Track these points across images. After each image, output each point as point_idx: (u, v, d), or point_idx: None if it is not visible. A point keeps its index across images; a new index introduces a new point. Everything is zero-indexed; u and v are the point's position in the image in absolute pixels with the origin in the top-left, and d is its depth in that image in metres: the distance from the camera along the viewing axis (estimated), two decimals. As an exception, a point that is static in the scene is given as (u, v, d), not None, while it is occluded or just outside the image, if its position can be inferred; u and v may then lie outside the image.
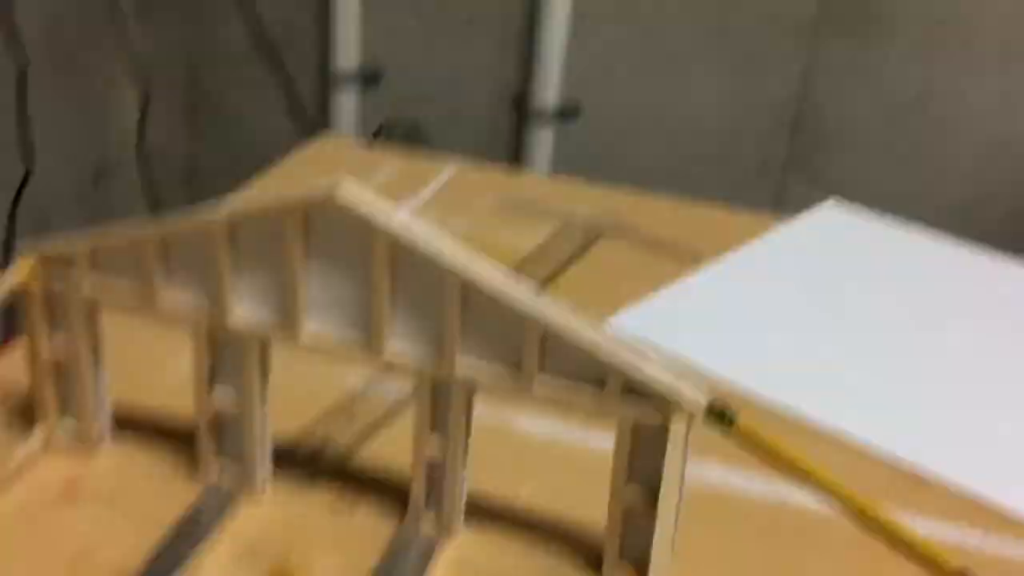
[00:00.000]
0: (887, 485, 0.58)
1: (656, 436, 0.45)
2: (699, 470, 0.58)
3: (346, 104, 1.55)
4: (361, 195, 0.44)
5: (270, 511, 0.52)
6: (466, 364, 0.47)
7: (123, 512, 0.50)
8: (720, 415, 0.63)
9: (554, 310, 0.45)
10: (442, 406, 0.48)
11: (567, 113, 1.55)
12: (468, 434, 0.49)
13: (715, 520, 0.55)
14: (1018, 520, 0.56)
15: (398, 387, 0.60)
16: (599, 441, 0.51)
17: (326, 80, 1.55)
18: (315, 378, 0.60)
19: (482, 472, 0.51)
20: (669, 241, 0.85)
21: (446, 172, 0.94)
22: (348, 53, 1.52)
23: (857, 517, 0.56)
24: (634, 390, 0.45)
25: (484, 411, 0.50)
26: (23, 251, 0.50)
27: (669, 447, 0.44)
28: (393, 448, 0.55)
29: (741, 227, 0.86)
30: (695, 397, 0.45)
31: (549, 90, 1.50)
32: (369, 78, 1.55)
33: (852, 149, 1.47)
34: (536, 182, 0.98)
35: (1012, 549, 0.54)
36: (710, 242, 0.83)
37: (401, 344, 0.47)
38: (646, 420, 0.45)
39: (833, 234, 0.90)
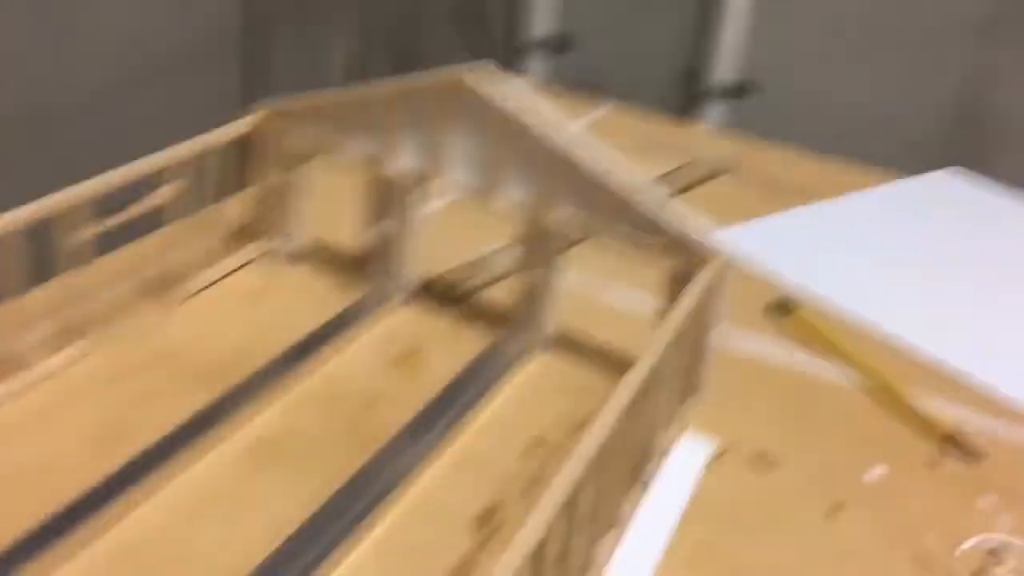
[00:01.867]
0: (921, 377, 0.67)
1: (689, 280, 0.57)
2: (754, 344, 0.69)
3: (535, 70, 1.69)
4: (495, 85, 0.59)
5: (406, 318, 0.67)
6: (559, 215, 0.60)
7: (298, 308, 0.67)
8: (782, 306, 0.74)
9: (628, 181, 0.58)
10: (540, 247, 0.62)
11: (740, 91, 1.63)
12: (556, 274, 0.62)
13: (754, 379, 0.66)
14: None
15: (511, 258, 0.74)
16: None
17: (516, 47, 1.69)
18: (456, 244, 0.75)
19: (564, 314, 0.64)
20: (787, 185, 0.95)
21: (600, 109, 1.07)
22: (542, 22, 1.66)
23: (877, 391, 0.66)
24: (681, 243, 0.57)
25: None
26: (257, 107, 0.67)
27: (698, 287, 0.56)
28: (503, 294, 0.69)
29: (863, 183, 0.95)
30: (723, 252, 0.56)
31: (725, 67, 1.59)
32: (558, 46, 1.68)
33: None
34: (680, 129, 1.09)
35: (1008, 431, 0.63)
36: (829, 191, 0.93)
37: (514, 194, 0.61)
38: (685, 267, 0.57)
39: (948, 194, 0.97)
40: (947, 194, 0.97)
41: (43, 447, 0.52)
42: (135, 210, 0.60)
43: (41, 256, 0.55)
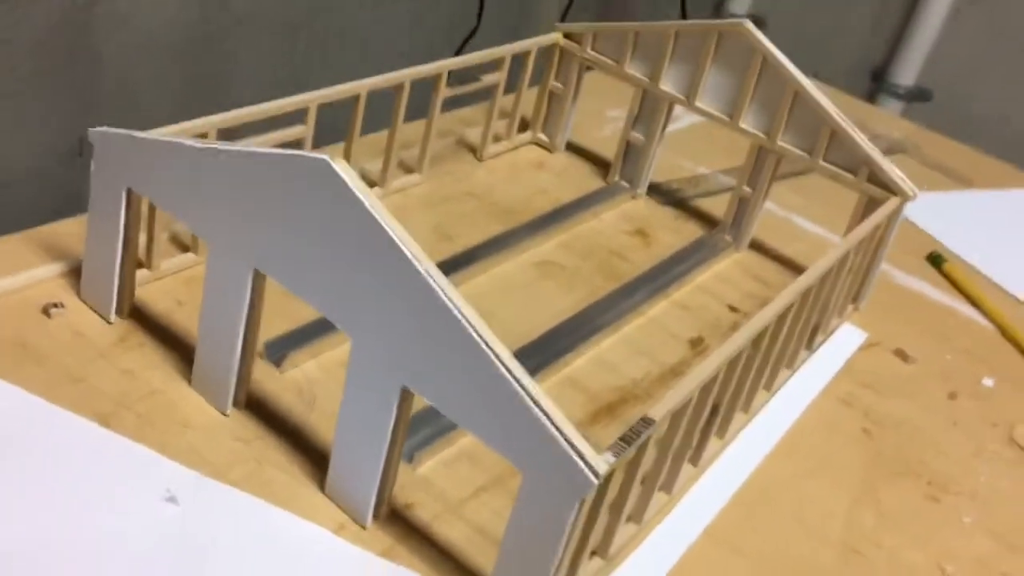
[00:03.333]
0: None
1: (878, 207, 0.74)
2: (910, 280, 0.86)
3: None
4: (753, 31, 0.76)
5: (641, 206, 0.86)
6: (785, 143, 0.78)
7: (564, 182, 0.86)
8: (937, 258, 0.90)
9: (844, 121, 0.75)
10: (761, 168, 0.80)
11: (920, 95, 1.73)
12: (767, 192, 0.80)
13: (906, 303, 0.83)
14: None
15: (729, 178, 0.92)
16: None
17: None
18: (690, 159, 0.94)
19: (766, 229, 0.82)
20: (956, 172, 1.09)
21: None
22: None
23: (1002, 331, 0.82)
24: (875, 179, 0.75)
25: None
26: (558, 27, 0.87)
27: (881, 214, 0.73)
28: (719, 204, 0.87)
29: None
30: (910, 190, 0.73)
31: (908, 69, 1.69)
32: (756, 21, 1.81)
33: None
34: (866, 108, 1.23)
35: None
36: (995, 184, 1.07)
37: (749, 124, 0.79)
38: (877, 196, 0.75)
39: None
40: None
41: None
42: (472, 86, 0.80)
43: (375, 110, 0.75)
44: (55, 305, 0.56)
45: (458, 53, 0.99)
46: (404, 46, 1.13)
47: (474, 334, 0.42)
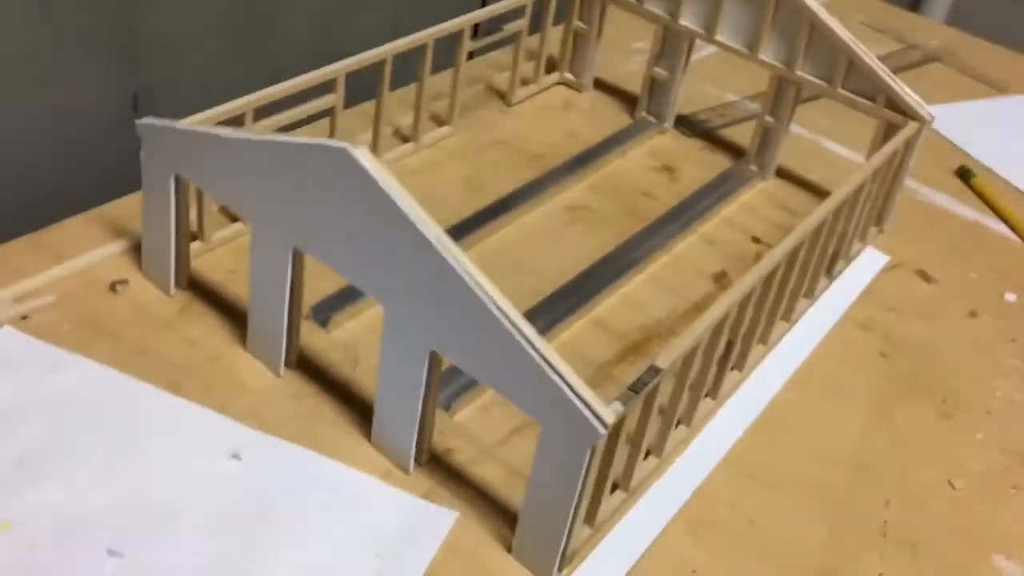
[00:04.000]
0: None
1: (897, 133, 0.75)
2: (938, 197, 0.87)
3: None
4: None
5: (668, 140, 0.88)
6: (803, 72, 0.79)
7: (592, 123, 0.88)
8: (966, 172, 0.91)
9: (859, 52, 0.75)
10: (782, 97, 0.81)
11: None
12: (790, 121, 0.81)
13: (933, 221, 0.84)
14: None
15: (754, 105, 0.93)
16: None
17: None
18: (714, 89, 0.95)
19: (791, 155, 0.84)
20: (992, 78, 1.08)
21: (835, -7, 1.21)
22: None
23: (1027, 242, 0.83)
24: (892, 104, 0.75)
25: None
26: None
27: (900, 138, 0.74)
28: (744, 132, 0.88)
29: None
30: (927, 114, 0.74)
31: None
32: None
33: None
34: (904, 16, 1.21)
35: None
36: None
37: (768, 55, 0.80)
38: (896, 121, 0.76)
39: None
40: None
41: (429, 188, 0.77)
42: (496, 35, 0.82)
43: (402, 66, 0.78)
44: (120, 282, 0.61)
45: (484, 2, 1.00)
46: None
47: (487, 301, 0.45)
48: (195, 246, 0.64)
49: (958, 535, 0.57)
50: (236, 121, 0.62)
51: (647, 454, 0.57)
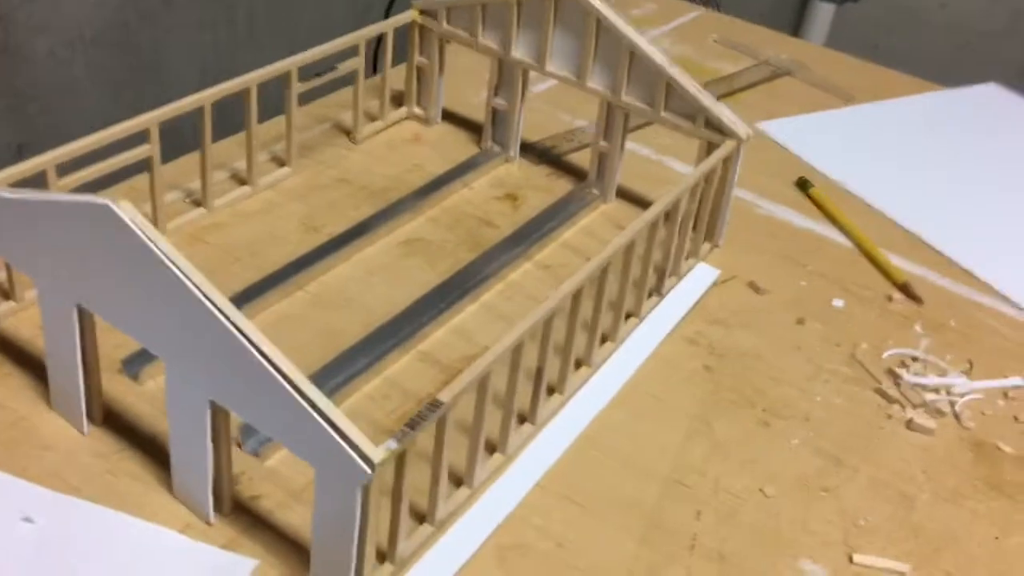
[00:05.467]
0: (896, 243, 0.86)
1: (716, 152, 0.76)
2: (776, 209, 0.88)
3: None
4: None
5: (512, 168, 0.89)
6: (628, 98, 0.80)
7: (436, 155, 0.89)
8: (804, 183, 0.92)
9: (678, 77, 0.77)
10: (613, 123, 0.82)
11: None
12: (623, 145, 0.82)
13: (768, 233, 0.85)
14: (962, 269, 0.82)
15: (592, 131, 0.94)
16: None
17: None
18: (553, 118, 0.96)
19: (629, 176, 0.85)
20: (840, 88, 1.10)
21: (691, 13, 1.23)
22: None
23: (859, 250, 0.84)
24: (711, 124, 0.77)
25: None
26: (414, 4, 0.88)
27: (715, 157, 0.75)
28: (585, 157, 0.89)
29: (913, 91, 1.11)
30: (743, 132, 0.76)
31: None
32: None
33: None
34: (755, 30, 1.23)
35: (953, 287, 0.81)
36: (877, 96, 1.09)
37: (595, 83, 0.81)
38: (715, 140, 0.77)
39: (985, 106, 1.11)
40: (985, 106, 1.11)
41: (268, 228, 0.76)
42: (327, 76, 0.82)
43: (264, 102, 0.78)
44: (-77, 349, 0.59)
45: (387, 14, 0.99)
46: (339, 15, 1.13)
47: (251, 349, 0.45)
48: (7, 306, 0.63)
49: (767, 542, 0.58)
50: (39, 179, 0.61)
51: (457, 484, 0.56)
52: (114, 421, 0.58)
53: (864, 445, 0.65)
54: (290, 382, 0.45)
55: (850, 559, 0.57)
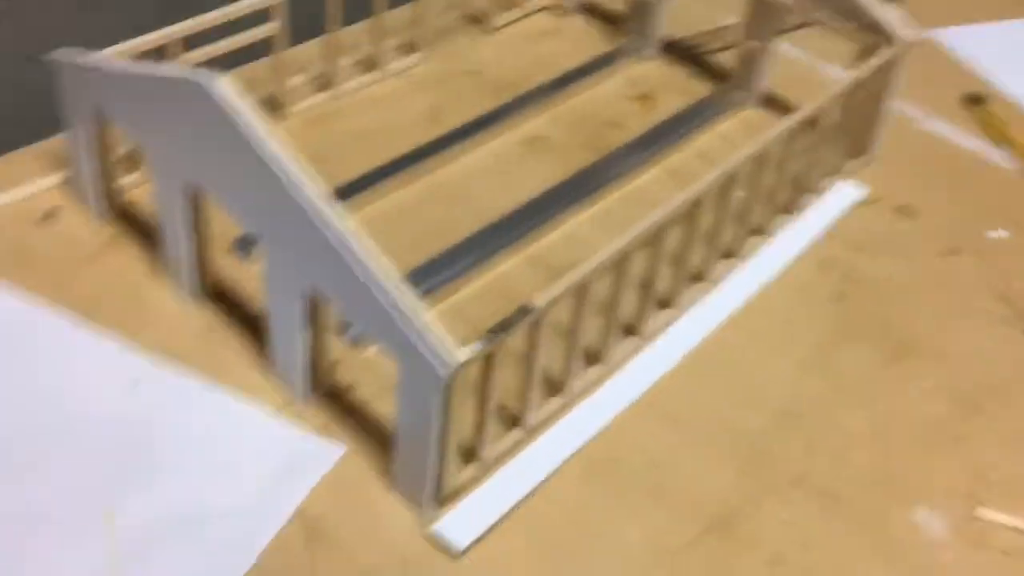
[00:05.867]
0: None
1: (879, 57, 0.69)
2: (939, 126, 0.80)
3: None
4: None
5: (650, 67, 0.83)
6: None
7: (571, 49, 0.84)
8: (975, 99, 0.83)
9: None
10: (763, 19, 0.75)
11: None
12: (773, 45, 0.76)
13: (929, 152, 0.78)
14: None
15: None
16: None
17: None
18: (699, 14, 0.89)
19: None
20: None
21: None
22: None
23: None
24: (872, 27, 0.69)
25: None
26: None
27: (875, 61, 0.68)
28: (730, 58, 0.83)
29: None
30: (908, 37, 0.68)
31: None
32: None
33: None
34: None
35: None
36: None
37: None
38: (875, 45, 0.70)
39: None
40: None
41: (391, 116, 0.75)
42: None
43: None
44: (51, 213, 0.61)
45: None
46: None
47: (347, 244, 0.44)
48: (133, 177, 0.64)
49: (880, 485, 0.54)
50: (159, 53, 0.61)
51: (555, 391, 0.55)
52: (223, 298, 0.59)
53: (1006, 392, 0.59)
54: (380, 276, 0.43)
55: (974, 513, 0.52)
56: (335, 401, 0.54)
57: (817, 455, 0.55)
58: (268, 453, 0.50)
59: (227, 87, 0.45)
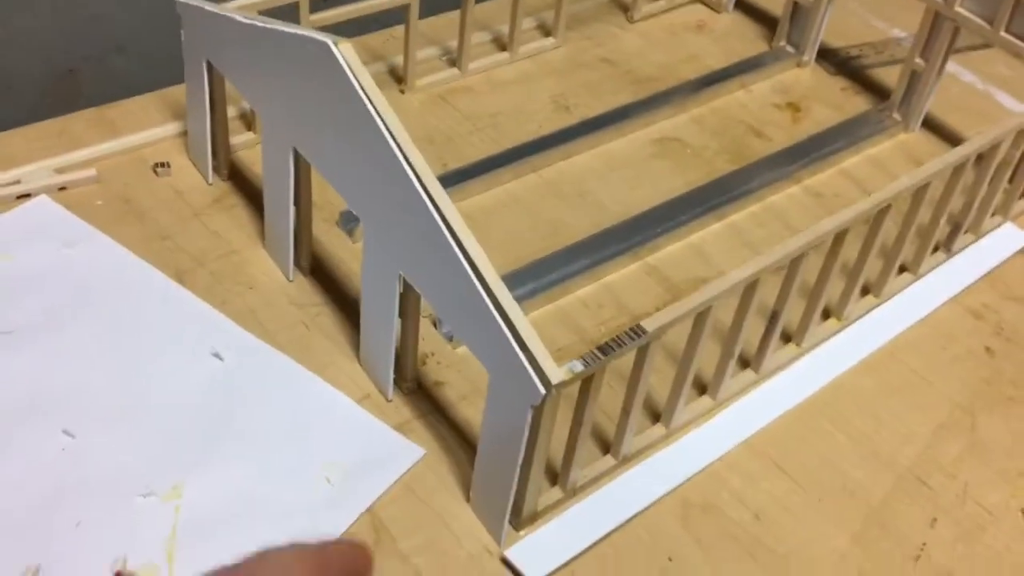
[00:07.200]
0: None
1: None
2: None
3: None
4: None
5: (804, 75, 0.77)
6: (963, 8, 0.66)
7: (722, 47, 0.79)
8: None
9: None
10: (937, 37, 0.68)
11: None
12: (944, 66, 0.69)
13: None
14: None
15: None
16: None
17: None
18: (865, 23, 0.82)
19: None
20: None
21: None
22: None
23: None
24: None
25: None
26: None
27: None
28: (893, 74, 0.76)
29: None
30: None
31: None
32: None
33: None
34: None
35: None
36: None
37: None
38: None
39: None
40: None
41: (518, 100, 0.71)
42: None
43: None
44: (162, 164, 0.60)
45: None
46: None
47: (449, 237, 0.40)
48: (246, 137, 0.63)
49: (1013, 573, 0.47)
50: (290, 11, 0.59)
51: (657, 421, 0.50)
52: (322, 273, 0.56)
53: None
54: (479, 276, 0.40)
55: (1123, 628, 0.45)
56: (421, 398, 0.51)
57: (944, 530, 0.49)
58: (346, 444, 0.48)
59: (350, 52, 0.42)
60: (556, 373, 0.39)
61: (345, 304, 0.55)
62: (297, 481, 0.46)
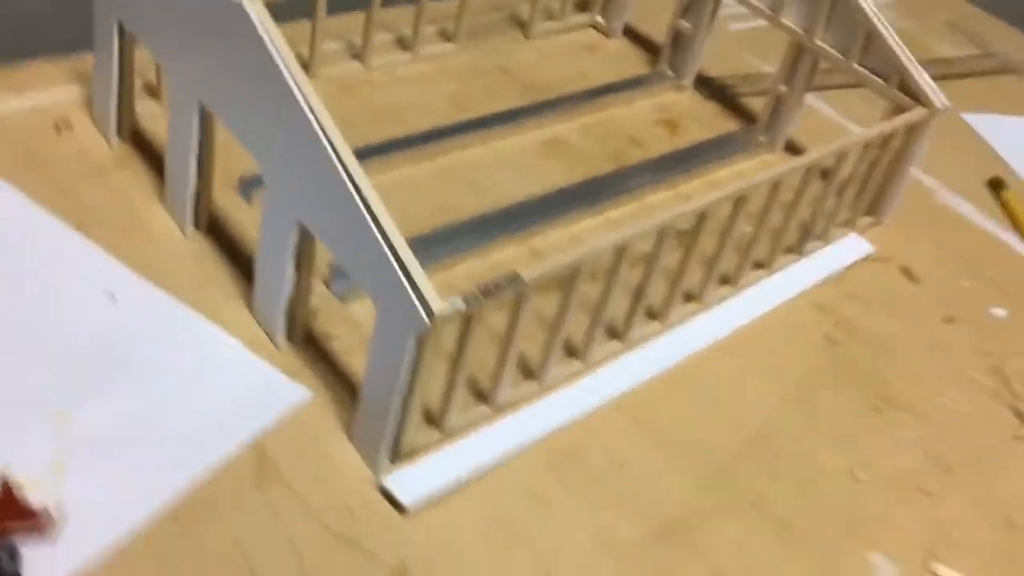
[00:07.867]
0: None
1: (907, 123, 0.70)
2: (958, 202, 0.81)
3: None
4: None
5: (679, 97, 0.84)
6: (822, 41, 0.74)
7: (606, 66, 0.85)
8: (997, 183, 0.84)
9: (881, 24, 0.70)
10: (799, 67, 0.76)
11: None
12: (804, 94, 0.77)
13: (943, 225, 0.78)
14: None
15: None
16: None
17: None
18: (736, 55, 0.90)
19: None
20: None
21: (922, -12, 1.14)
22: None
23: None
24: (905, 87, 0.70)
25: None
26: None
27: (899, 122, 0.69)
28: (759, 104, 0.84)
29: None
30: (940, 102, 0.69)
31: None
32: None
33: None
34: (991, 22, 1.12)
35: None
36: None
37: (790, 18, 0.76)
38: (906, 105, 0.70)
39: None
40: None
41: (418, 96, 0.76)
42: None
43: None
44: (65, 123, 0.62)
45: None
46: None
47: (347, 180, 0.44)
48: (152, 105, 0.65)
49: (841, 524, 0.53)
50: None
51: (527, 375, 0.54)
52: (218, 232, 0.59)
53: (981, 461, 0.59)
54: (373, 215, 0.44)
55: (929, 567, 0.51)
56: (310, 349, 0.54)
57: (781, 484, 0.54)
58: (233, 382, 0.50)
59: (263, 12, 0.46)
60: (440, 305, 0.43)
61: (239, 261, 0.58)
62: (183, 414, 0.48)
